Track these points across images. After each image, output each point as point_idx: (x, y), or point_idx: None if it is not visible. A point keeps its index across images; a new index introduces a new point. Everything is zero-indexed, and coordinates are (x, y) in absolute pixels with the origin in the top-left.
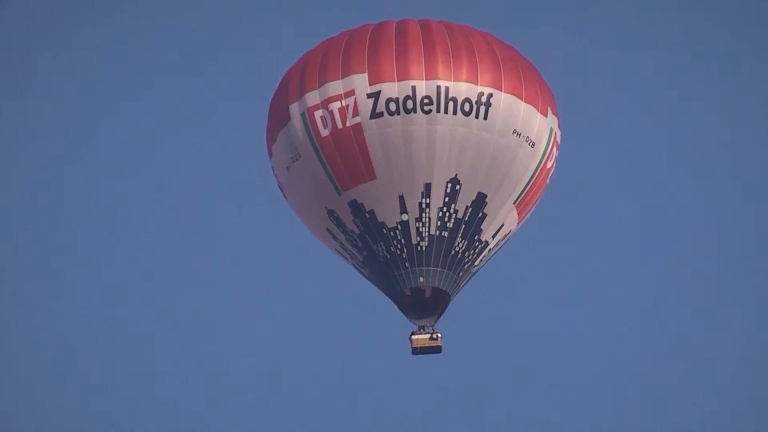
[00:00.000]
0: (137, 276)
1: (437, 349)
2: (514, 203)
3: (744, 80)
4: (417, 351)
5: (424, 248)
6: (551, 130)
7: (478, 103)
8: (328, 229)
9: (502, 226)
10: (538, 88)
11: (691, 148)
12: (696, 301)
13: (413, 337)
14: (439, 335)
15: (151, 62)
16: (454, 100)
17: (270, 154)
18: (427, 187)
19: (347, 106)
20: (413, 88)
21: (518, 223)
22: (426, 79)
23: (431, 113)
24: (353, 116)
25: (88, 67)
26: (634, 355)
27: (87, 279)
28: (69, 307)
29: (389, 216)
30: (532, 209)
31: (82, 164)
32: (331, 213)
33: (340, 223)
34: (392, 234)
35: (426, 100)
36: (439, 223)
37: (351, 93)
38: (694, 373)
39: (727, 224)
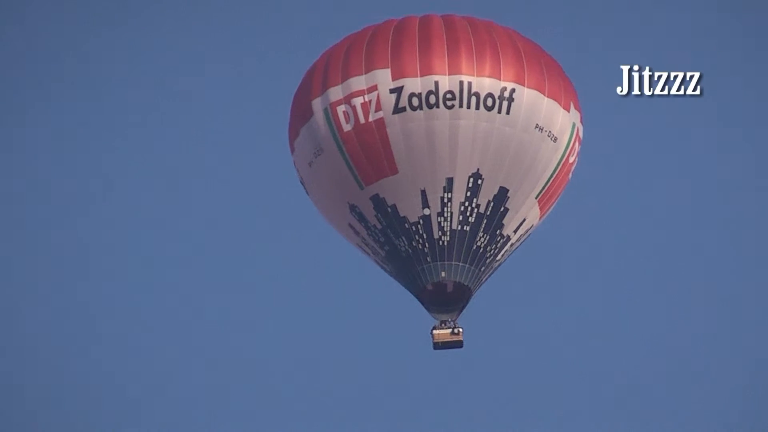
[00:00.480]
0: (159, 275)
1: (458, 344)
2: (536, 198)
3: None
4: (438, 346)
5: (445, 243)
6: (574, 125)
7: (501, 98)
8: (350, 224)
9: (524, 220)
10: (560, 83)
11: (715, 143)
12: (720, 297)
13: (434, 331)
14: (461, 330)
15: (172, 58)
16: (477, 95)
17: (292, 150)
18: (449, 181)
19: (370, 101)
20: (436, 83)
21: (540, 218)
22: (449, 74)
23: (454, 108)
24: (376, 111)
25: (101, 70)
26: (658, 350)
27: (113, 277)
28: (97, 308)
29: (411, 210)
30: (554, 204)
31: (96, 165)
32: (353, 208)
33: (362, 218)
34: (414, 228)
35: (449, 95)
36: (461, 217)
37: (374, 88)
38: (718, 368)
39: (752, 223)
